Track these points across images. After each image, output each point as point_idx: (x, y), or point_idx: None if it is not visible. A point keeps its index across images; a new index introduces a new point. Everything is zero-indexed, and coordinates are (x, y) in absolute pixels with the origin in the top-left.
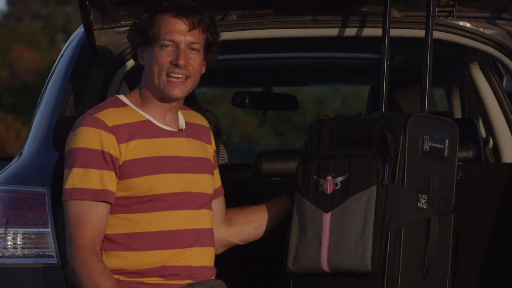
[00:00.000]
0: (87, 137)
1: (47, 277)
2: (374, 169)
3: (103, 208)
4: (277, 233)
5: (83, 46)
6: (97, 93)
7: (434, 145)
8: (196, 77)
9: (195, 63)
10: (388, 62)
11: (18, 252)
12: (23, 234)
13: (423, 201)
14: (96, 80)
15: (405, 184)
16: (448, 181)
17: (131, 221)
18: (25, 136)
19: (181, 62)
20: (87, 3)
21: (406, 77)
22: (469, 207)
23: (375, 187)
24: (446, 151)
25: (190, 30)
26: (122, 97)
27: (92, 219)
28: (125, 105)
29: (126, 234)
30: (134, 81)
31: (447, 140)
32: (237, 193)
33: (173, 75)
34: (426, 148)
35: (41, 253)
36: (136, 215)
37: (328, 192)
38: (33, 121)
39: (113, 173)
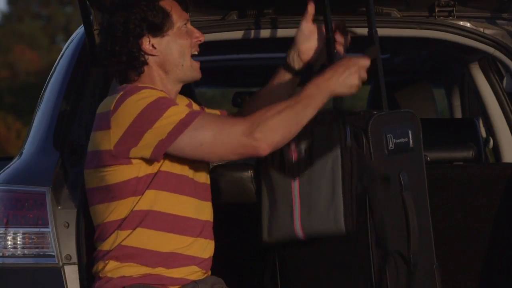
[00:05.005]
0: (147, 94)
1: (47, 277)
2: (336, 132)
3: None
4: None
5: (83, 46)
6: (97, 93)
7: (398, 141)
8: None
9: None
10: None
11: (18, 252)
12: (23, 234)
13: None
14: (96, 80)
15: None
16: (418, 171)
17: (156, 198)
18: (25, 136)
19: (203, 37)
20: (87, 3)
21: (406, 77)
22: (469, 207)
23: (339, 150)
24: (411, 142)
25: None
26: None
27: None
28: None
29: (146, 210)
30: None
31: (409, 131)
32: (237, 193)
33: (194, 53)
34: (391, 147)
35: (41, 253)
36: (164, 193)
37: (294, 160)
38: (33, 121)
39: None
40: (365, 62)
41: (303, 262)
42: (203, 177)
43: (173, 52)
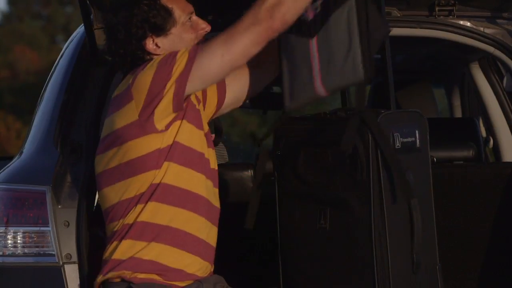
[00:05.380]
0: (155, 59)
1: (48, 276)
2: None
3: None
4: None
5: (83, 45)
6: (97, 93)
7: (405, 140)
8: None
9: None
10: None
11: (19, 251)
12: (23, 233)
13: None
14: (96, 80)
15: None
16: (424, 171)
17: (171, 171)
18: (26, 136)
19: (209, 27)
20: (88, 2)
21: (406, 76)
22: (469, 206)
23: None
24: (418, 142)
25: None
26: None
27: None
28: None
29: (163, 184)
30: None
31: (416, 131)
32: (237, 193)
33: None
34: (397, 146)
35: (42, 252)
36: (178, 166)
37: (310, 18)
38: (34, 120)
39: None
40: None
41: (305, 262)
42: (212, 162)
43: (179, 48)
